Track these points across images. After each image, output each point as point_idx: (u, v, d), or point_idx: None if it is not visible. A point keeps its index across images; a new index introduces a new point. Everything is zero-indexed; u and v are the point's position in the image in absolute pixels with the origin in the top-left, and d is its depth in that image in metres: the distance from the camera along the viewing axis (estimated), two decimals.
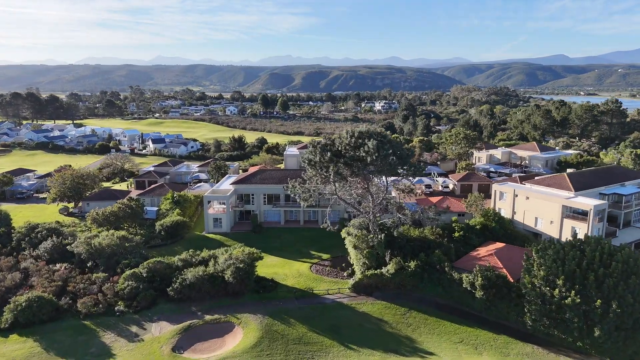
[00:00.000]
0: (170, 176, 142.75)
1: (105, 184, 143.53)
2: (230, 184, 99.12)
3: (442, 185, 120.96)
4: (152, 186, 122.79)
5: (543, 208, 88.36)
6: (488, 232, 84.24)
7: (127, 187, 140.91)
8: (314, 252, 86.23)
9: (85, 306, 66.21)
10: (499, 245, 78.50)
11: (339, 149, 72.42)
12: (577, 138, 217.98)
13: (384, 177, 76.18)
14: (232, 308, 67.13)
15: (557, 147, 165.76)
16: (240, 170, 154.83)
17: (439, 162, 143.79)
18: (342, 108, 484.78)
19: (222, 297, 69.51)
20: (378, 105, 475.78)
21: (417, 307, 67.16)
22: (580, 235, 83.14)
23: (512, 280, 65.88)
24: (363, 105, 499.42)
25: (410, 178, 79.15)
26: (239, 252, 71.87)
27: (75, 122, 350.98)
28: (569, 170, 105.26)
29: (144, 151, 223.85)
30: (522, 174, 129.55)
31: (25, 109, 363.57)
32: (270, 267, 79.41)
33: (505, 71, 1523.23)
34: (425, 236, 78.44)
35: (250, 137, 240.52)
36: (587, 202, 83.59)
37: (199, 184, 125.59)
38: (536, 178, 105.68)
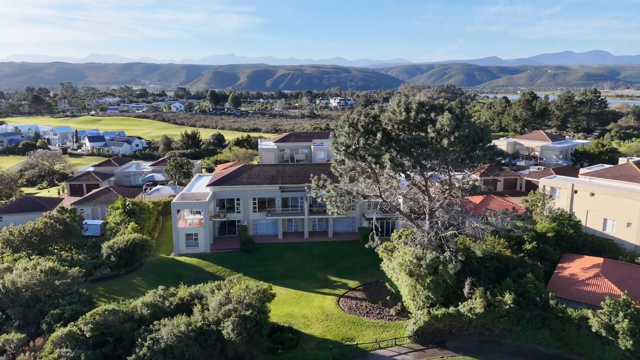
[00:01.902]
0: (117, 178, 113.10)
1: (28, 190, 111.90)
2: (207, 186, 72.30)
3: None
4: (94, 191, 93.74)
5: (617, 207, 69.53)
6: (564, 242, 63.29)
7: (59, 193, 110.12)
8: (335, 278, 61.74)
9: None
10: (593, 260, 57.40)
11: (387, 128, 48.76)
12: (554, 128, 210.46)
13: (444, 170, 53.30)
14: None
15: (567, 137, 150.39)
16: (204, 170, 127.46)
17: None
18: (297, 105, 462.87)
19: None
20: (334, 102, 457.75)
21: None
22: None
23: None
24: (318, 102, 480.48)
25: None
26: (240, 289, 46.46)
27: None
28: (621, 160, 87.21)
29: (79, 150, 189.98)
30: (540, 166, 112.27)
31: None
32: (281, 304, 54.25)
33: (446, 71, 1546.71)
34: (499, 252, 56.02)
35: (204, 135, 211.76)
36: None
37: (156, 188, 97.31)
38: (584, 170, 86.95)
